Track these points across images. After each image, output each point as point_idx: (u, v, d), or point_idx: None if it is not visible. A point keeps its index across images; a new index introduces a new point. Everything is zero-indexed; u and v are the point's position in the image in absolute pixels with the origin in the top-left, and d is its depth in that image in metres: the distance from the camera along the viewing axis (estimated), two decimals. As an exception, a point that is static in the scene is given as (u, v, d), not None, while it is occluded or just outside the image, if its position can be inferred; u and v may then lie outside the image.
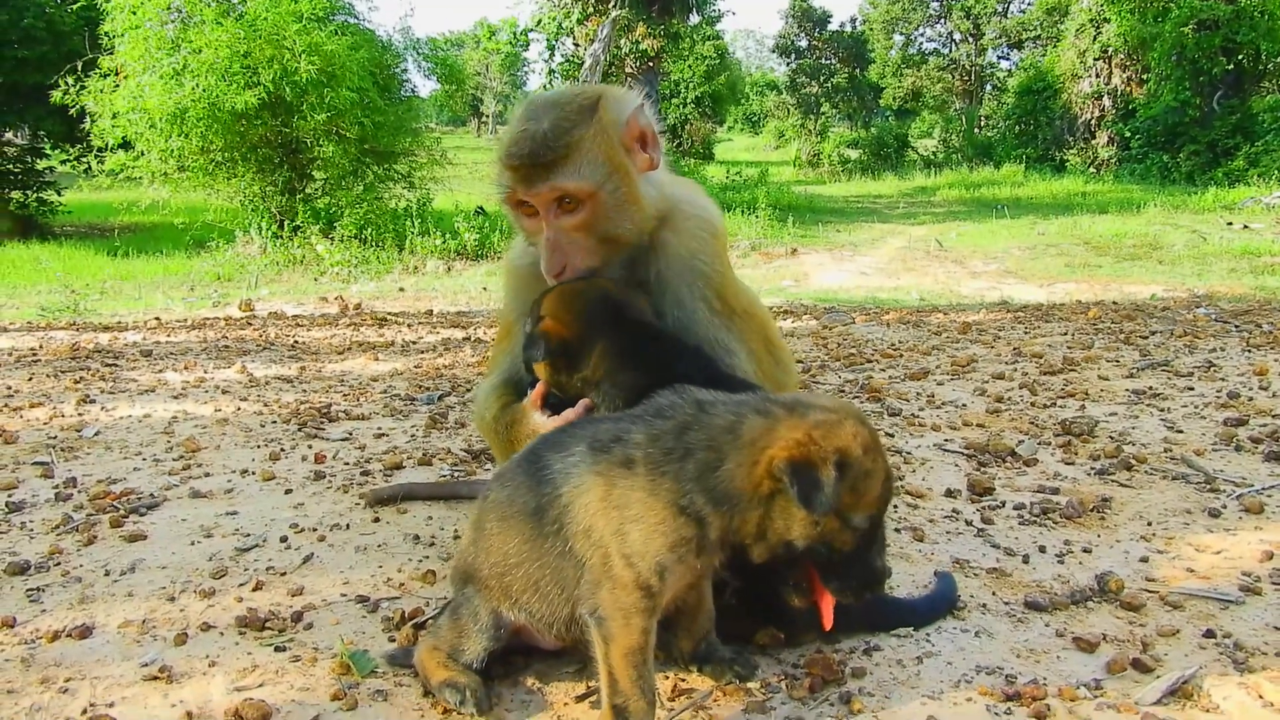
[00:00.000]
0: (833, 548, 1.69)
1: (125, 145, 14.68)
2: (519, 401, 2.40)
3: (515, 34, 24.91)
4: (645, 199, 2.36)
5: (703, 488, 1.68)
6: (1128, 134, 28.09)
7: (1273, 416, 3.78)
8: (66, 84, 14.82)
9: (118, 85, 14.47)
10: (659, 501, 1.68)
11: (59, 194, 21.42)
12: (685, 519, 1.67)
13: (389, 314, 8.48)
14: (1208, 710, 1.81)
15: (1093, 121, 30.25)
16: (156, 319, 8.30)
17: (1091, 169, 29.18)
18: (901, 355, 5.46)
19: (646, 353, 2.26)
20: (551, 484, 1.78)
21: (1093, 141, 30.26)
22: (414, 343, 6.49)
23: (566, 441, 1.83)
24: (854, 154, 38.04)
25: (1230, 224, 15.76)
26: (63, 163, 16.60)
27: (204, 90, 13.62)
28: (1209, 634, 2.10)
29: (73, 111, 15.01)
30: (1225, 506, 2.87)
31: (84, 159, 15.67)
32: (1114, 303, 8.27)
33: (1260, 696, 1.84)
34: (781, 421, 1.70)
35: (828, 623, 1.82)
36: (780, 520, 1.68)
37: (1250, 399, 4.07)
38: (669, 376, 2.12)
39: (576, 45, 22.14)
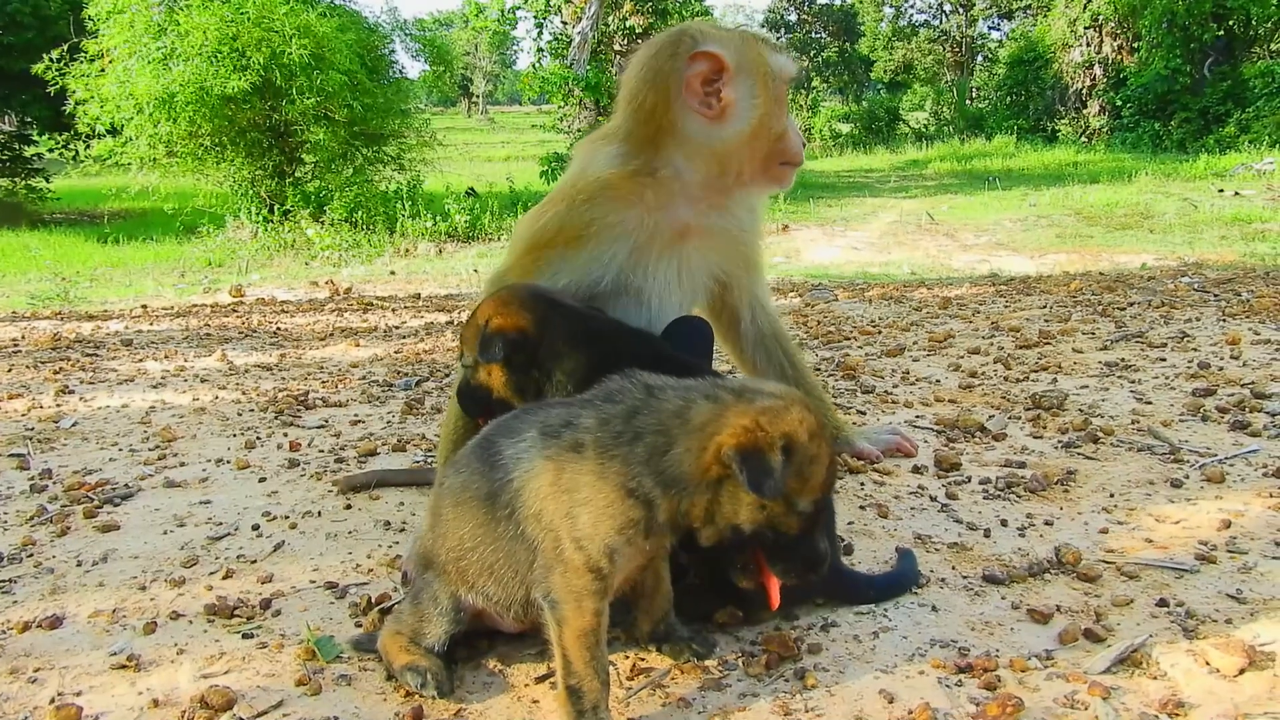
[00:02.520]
0: (778, 531, 1.73)
1: (113, 131, 14.63)
2: None
3: (503, 12, 24.70)
4: None
5: (651, 471, 1.71)
6: (1119, 103, 27.97)
7: (1241, 386, 3.81)
8: (50, 59, 14.74)
9: (104, 70, 14.40)
10: (607, 485, 1.71)
11: (47, 181, 21.36)
12: (634, 501, 1.70)
13: (376, 298, 8.49)
14: (1155, 678, 1.85)
15: (1084, 91, 30.14)
16: (143, 307, 8.30)
17: (1083, 139, 29.09)
18: (880, 332, 5.48)
19: (594, 337, 2.30)
20: (503, 469, 1.81)
21: (1084, 111, 30.16)
22: (396, 328, 6.50)
23: (518, 427, 1.86)
24: (845, 128, 37.94)
25: (1221, 191, 15.73)
26: (50, 150, 16.56)
27: (192, 74, 13.55)
28: (1162, 603, 2.13)
29: (51, 90, 14.94)
30: (1188, 477, 2.90)
31: (71, 145, 15.63)
32: (1100, 273, 8.29)
33: (1207, 663, 1.87)
34: (730, 408, 1.72)
35: (774, 603, 1.87)
36: (728, 504, 1.71)
37: (1220, 369, 4.10)
38: (617, 359, 2.17)
39: (564, 23, 22.00)
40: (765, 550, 1.78)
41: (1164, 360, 4.33)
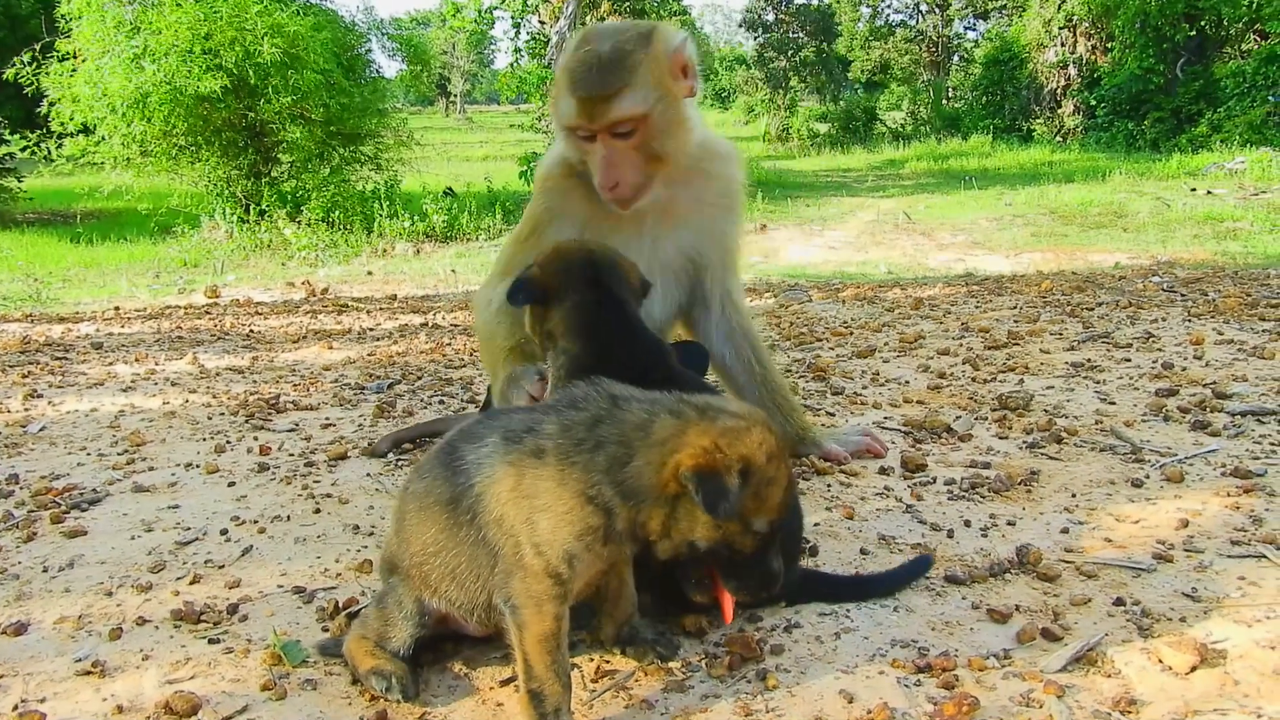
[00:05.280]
0: (734, 549, 1.76)
1: (85, 130, 14.50)
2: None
3: (480, 12, 24.69)
4: (689, 122, 2.72)
5: (611, 480, 1.73)
6: (1093, 102, 28.18)
7: (1203, 386, 3.87)
8: (21, 62, 14.61)
9: (75, 69, 14.27)
10: (567, 491, 1.72)
11: (19, 180, 21.13)
12: (593, 508, 1.72)
13: (352, 299, 8.47)
14: (1109, 676, 1.88)
15: (1058, 91, 30.34)
16: (115, 309, 8.24)
17: (1058, 138, 29.28)
18: (852, 333, 5.52)
19: (606, 326, 2.33)
20: (465, 474, 1.82)
21: (1059, 111, 30.36)
22: (371, 330, 6.49)
23: (480, 432, 1.87)
24: (823, 128, 37.96)
25: (1194, 190, 15.88)
26: (22, 149, 16.35)
27: (165, 74, 13.46)
28: (1119, 602, 2.16)
29: (28, 92, 14.82)
30: (1148, 476, 2.94)
31: (44, 144, 15.46)
32: (1072, 273, 8.37)
33: (1160, 661, 1.91)
34: (691, 425, 1.74)
35: (728, 618, 1.92)
36: (685, 521, 1.74)
37: (1184, 369, 4.15)
38: (620, 355, 2.20)
39: (542, 23, 21.99)
40: (720, 567, 1.82)
41: (1129, 360, 4.38)
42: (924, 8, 44.27)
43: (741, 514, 1.71)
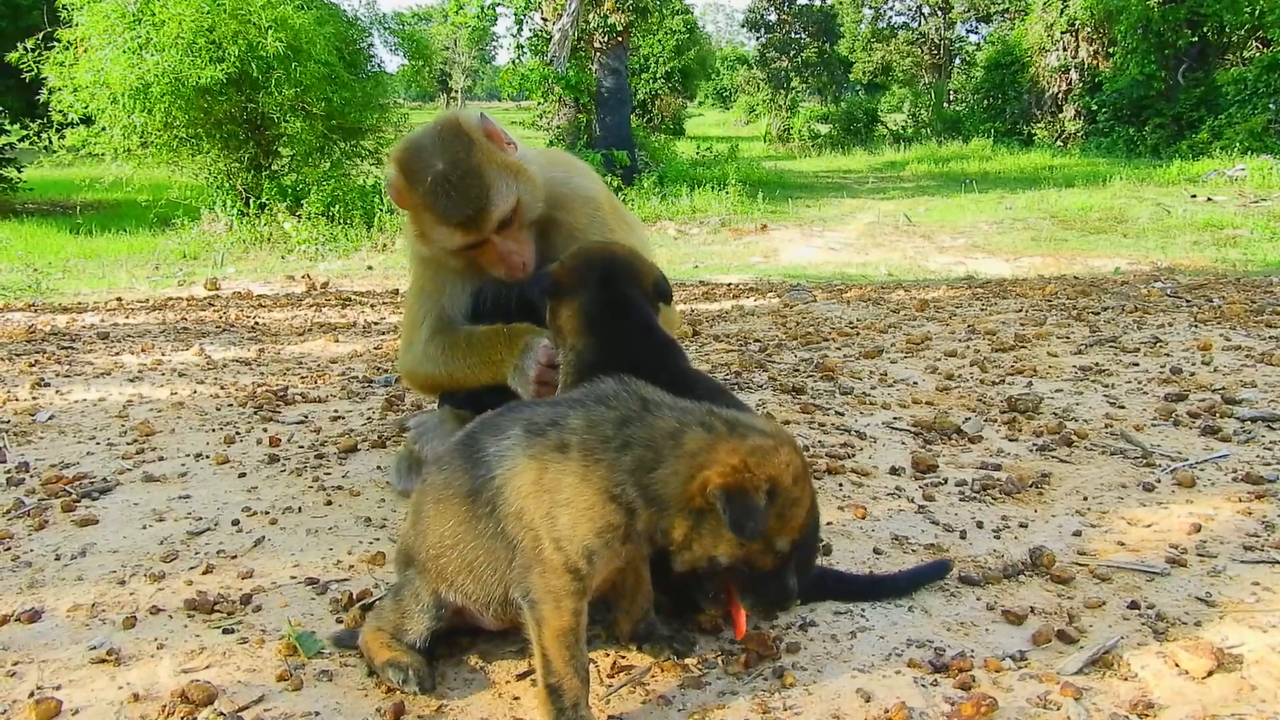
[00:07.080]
0: (753, 567, 1.77)
1: (86, 121, 14.46)
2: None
3: (483, 8, 24.61)
4: (532, 172, 2.72)
5: (636, 483, 1.72)
6: (1094, 107, 28.20)
7: (1211, 391, 3.88)
8: (25, 49, 14.57)
9: (77, 59, 14.23)
10: (590, 488, 1.72)
11: (19, 170, 21.07)
12: (615, 506, 1.72)
13: (354, 293, 8.46)
14: (1125, 679, 1.88)
15: (1060, 95, 30.35)
16: (118, 299, 8.24)
17: (1059, 143, 29.27)
18: (858, 333, 5.52)
19: (614, 325, 2.33)
20: (486, 466, 1.82)
21: (1060, 115, 30.35)
22: (376, 323, 6.49)
23: (503, 425, 1.87)
24: (824, 129, 37.95)
25: (1194, 197, 15.89)
26: (21, 139, 16.27)
27: (167, 65, 13.42)
28: (1133, 605, 2.17)
29: (26, 78, 14.77)
30: (1159, 481, 2.95)
31: (44, 134, 15.40)
32: (1075, 277, 8.38)
33: (1176, 665, 1.91)
34: (722, 440, 1.74)
35: (740, 632, 1.93)
36: (708, 536, 1.74)
37: (1192, 374, 4.16)
38: (627, 354, 2.20)
39: (544, 20, 21.88)
40: (737, 583, 1.82)
41: (1137, 365, 4.39)
42: (926, 10, 44.29)
43: (765, 534, 1.71)
